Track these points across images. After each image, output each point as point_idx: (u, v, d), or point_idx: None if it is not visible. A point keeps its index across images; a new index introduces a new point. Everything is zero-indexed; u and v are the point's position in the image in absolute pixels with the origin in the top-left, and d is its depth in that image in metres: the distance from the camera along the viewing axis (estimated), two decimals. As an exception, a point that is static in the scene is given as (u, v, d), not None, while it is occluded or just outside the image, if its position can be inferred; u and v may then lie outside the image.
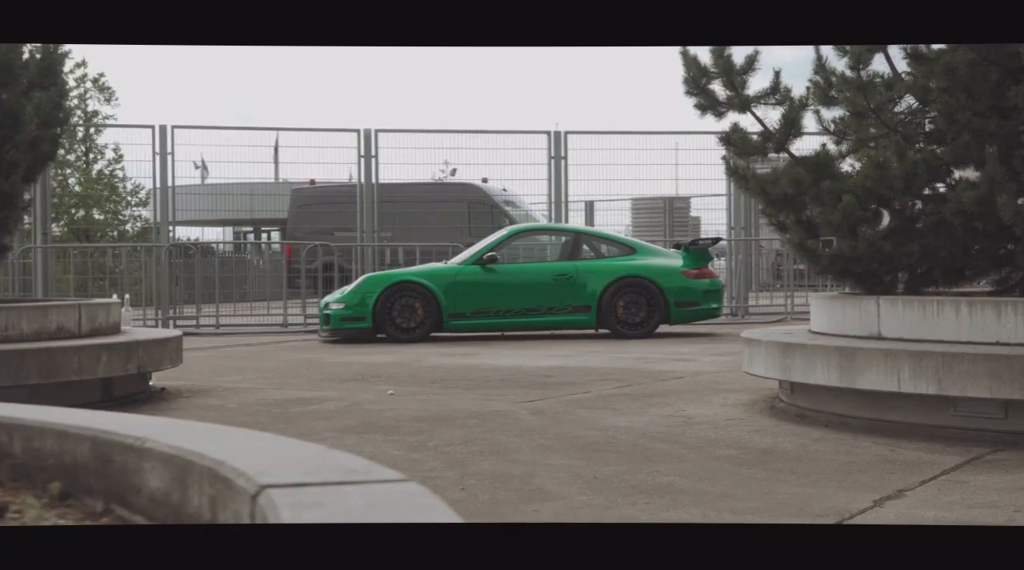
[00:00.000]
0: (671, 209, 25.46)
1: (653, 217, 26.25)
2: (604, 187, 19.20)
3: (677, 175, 18.90)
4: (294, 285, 17.33)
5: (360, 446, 5.81)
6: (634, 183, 19.36)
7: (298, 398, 7.86)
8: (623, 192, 20.57)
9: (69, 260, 16.57)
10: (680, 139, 18.01)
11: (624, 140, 17.97)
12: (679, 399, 7.55)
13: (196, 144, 16.33)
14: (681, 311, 13.77)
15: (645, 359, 10.66)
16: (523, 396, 7.83)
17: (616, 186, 19.40)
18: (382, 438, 6.09)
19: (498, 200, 24.09)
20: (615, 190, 19.90)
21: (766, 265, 22.84)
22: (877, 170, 6.33)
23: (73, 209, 34.70)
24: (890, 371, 5.82)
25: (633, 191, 21.17)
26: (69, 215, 34.30)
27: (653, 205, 26.39)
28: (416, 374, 9.49)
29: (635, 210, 26.81)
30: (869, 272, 6.64)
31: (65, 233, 33.16)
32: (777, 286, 21.28)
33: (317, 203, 22.98)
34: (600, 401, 7.53)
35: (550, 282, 13.69)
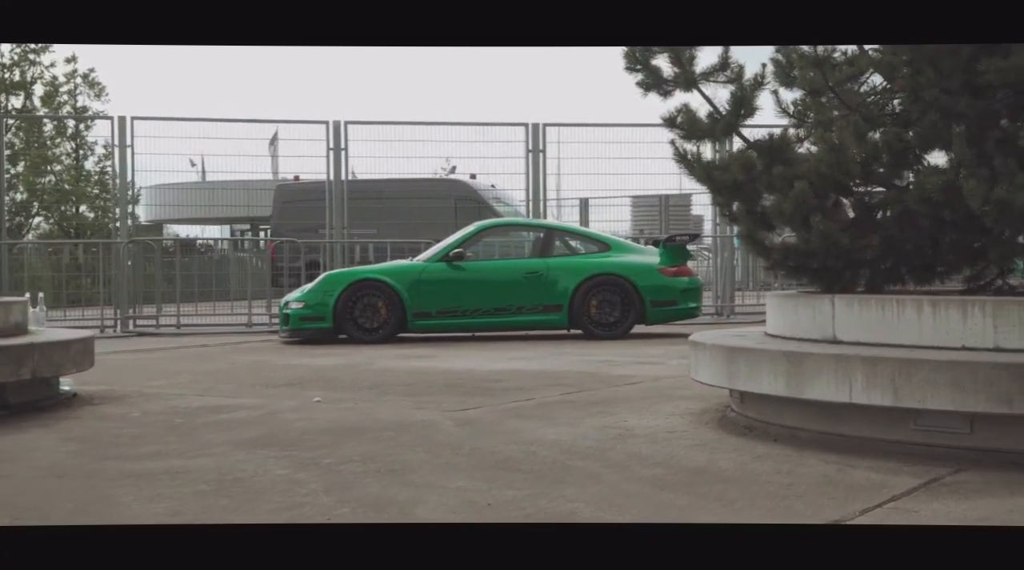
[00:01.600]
0: (667, 206, 24.79)
1: (652, 215, 25.57)
2: (601, 183, 18.45)
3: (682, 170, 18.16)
4: (278, 283, 16.68)
5: (245, 463, 5.15)
6: (633, 179, 18.61)
7: (215, 406, 7.20)
8: (623, 188, 19.82)
9: (48, 258, 15.95)
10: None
11: (618, 133, 17.24)
12: (625, 407, 6.86)
13: (162, 136, 15.61)
14: (657, 311, 13.08)
15: (610, 362, 9.98)
16: (459, 404, 7.16)
17: (615, 182, 18.64)
18: (276, 453, 5.42)
19: (486, 196, 23.43)
20: (613, 187, 19.17)
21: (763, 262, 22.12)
22: (832, 154, 5.64)
23: (63, 206, 34.09)
24: (841, 379, 5.13)
25: (633, 188, 20.44)
26: (60, 212, 33.72)
27: (650, 203, 25.73)
28: (358, 379, 8.82)
29: (634, 208, 26.13)
30: (826, 268, 5.95)
31: (54, 230, 32.61)
32: (775, 285, 20.60)
33: (301, 200, 22.35)
34: (539, 410, 6.85)
35: (520, 280, 13.00)
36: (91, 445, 5.82)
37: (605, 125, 16.88)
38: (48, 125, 33.09)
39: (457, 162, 18.12)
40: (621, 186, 18.81)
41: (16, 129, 31.10)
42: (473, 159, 17.11)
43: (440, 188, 23.08)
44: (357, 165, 16.55)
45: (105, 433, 6.19)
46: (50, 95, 33.45)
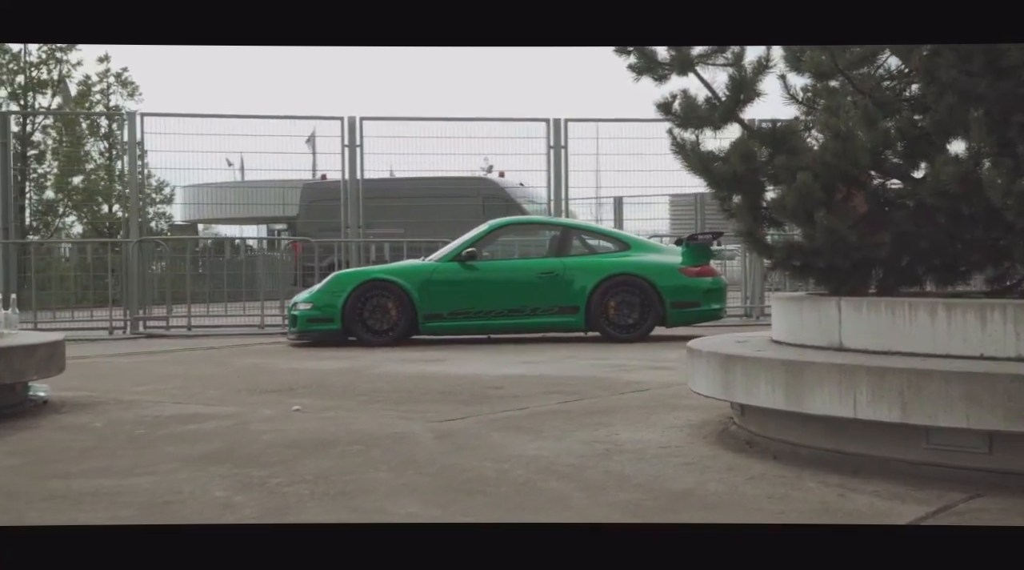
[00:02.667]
0: (703, 205, 24.20)
1: (688, 214, 24.96)
2: (631, 180, 17.87)
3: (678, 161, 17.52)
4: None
5: (186, 483, 4.67)
6: (667, 176, 17.99)
7: (188, 415, 6.73)
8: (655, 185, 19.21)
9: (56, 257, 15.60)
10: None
11: (644, 129, 16.67)
12: (621, 418, 6.34)
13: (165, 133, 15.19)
14: (678, 312, 12.52)
15: (622, 366, 9.45)
16: (447, 413, 6.66)
17: (646, 179, 18.04)
18: (225, 471, 4.94)
19: (514, 195, 22.94)
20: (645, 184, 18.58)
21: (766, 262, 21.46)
22: (839, 142, 5.09)
23: (96, 206, 33.80)
24: (845, 392, 4.59)
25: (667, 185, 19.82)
26: (93, 212, 33.42)
27: (686, 201, 25.13)
28: (354, 384, 8.34)
29: (672, 206, 25.54)
30: (834, 268, 5.41)
31: (88, 230, 32.34)
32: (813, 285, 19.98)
33: (328, 199, 21.93)
34: (529, 420, 6.34)
35: (535, 280, 12.48)
36: (34, 460, 5.37)
37: (628, 120, 16.29)
38: (82, 124, 32.83)
39: (475, 158, 17.50)
40: (653, 183, 18.23)
41: (44, 128, 30.84)
42: (493, 156, 16.55)
43: (468, 186, 22.57)
44: (375, 163, 16.05)
45: (55, 446, 5.74)
46: (83, 94, 33.23)
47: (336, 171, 16.64)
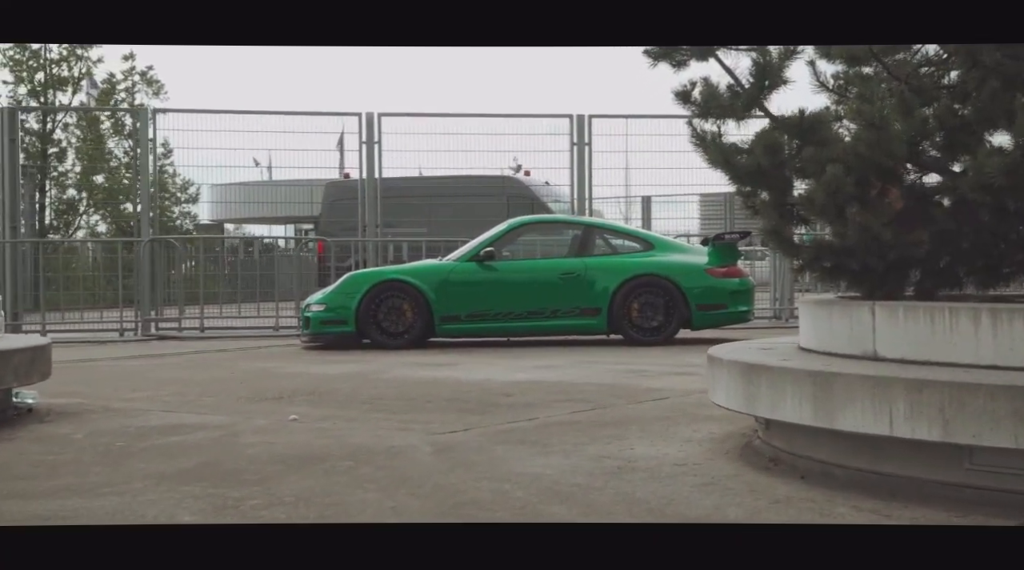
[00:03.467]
0: (732, 205, 23.70)
1: (717, 213, 24.48)
2: (658, 178, 17.40)
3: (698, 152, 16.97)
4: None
5: (153, 505, 4.28)
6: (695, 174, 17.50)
7: (175, 425, 6.34)
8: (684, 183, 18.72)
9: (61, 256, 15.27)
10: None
11: (672, 125, 16.19)
12: (637, 431, 5.90)
13: (187, 129, 14.85)
14: (704, 315, 12.05)
15: (643, 372, 9.01)
16: (450, 424, 6.24)
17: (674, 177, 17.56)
18: (200, 491, 4.53)
19: (539, 194, 22.51)
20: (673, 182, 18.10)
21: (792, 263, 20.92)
22: (873, 131, 4.63)
23: (120, 204, 33.52)
24: (879, 407, 4.13)
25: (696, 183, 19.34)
26: (117, 210, 33.13)
27: (715, 201, 24.65)
28: (358, 391, 7.92)
29: (702, 205, 25.07)
30: (867, 269, 4.95)
31: (112, 229, 32.05)
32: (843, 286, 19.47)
33: (351, 197, 21.58)
34: (536, 433, 5.91)
35: (556, 281, 12.03)
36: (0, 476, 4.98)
37: (653, 116, 15.82)
38: (105, 122, 32.56)
39: (497, 155, 17.05)
40: (681, 181, 17.77)
41: (66, 126, 30.62)
42: (516, 153, 16.09)
43: (492, 185, 22.14)
44: (394, 160, 15.62)
45: (26, 460, 5.34)
46: (107, 92, 32.98)
47: (353, 168, 16.27)
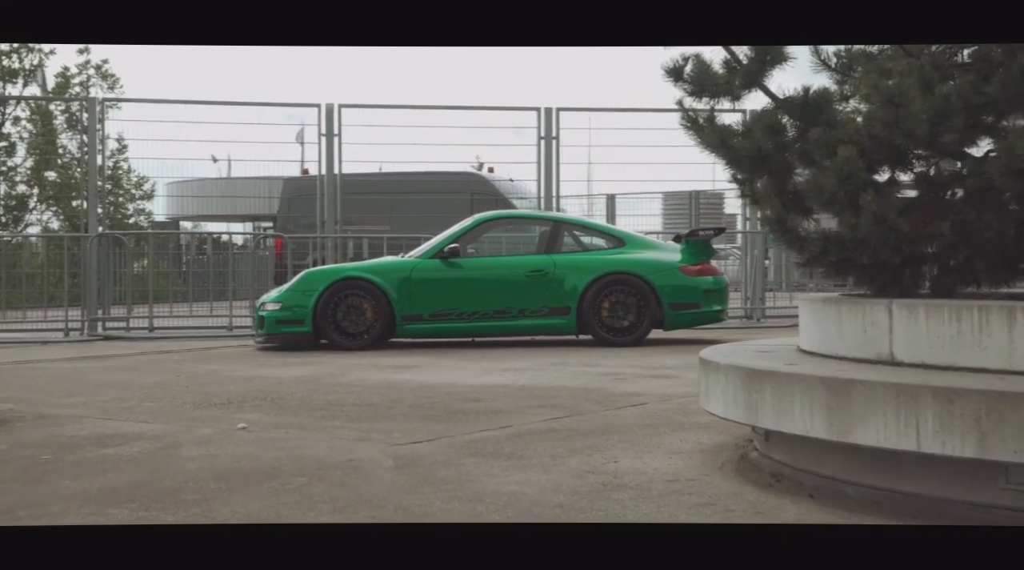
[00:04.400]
0: (698, 202, 23.29)
1: (682, 211, 24.07)
2: (625, 173, 16.91)
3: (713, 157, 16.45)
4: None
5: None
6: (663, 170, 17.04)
7: (111, 434, 5.78)
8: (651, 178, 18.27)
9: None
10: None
11: (641, 119, 15.73)
12: (620, 440, 5.39)
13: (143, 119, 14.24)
14: (677, 314, 11.56)
15: (617, 374, 8.51)
16: (414, 433, 5.71)
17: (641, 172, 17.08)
18: (127, 514, 3.99)
19: (504, 190, 22.02)
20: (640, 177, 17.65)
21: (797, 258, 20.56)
22: (891, 109, 4.13)
23: (73, 201, 32.72)
24: (905, 419, 3.64)
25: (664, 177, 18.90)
26: (69, 206, 32.32)
27: (680, 198, 24.24)
28: (314, 396, 7.38)
29: (665, 203, 24.66)
30: (880, 264, 4.45)
31: (66, 226, 31.23)
32: (808, 286, 19.07)
33: (309, 194, 21.03)
34: (511, 443, 5.39)
35: (522, 279, 11.51)
36: (-98, 496, 4.41)
37: (625, 110, 15.36)
38: (59, 117, 31.75)
39: (462, 150, 16.47)
40: (649, 176, 17.30)
41: (16, 120, 29.81)
42: (481, 147, 15.54)
43: (456, 181, 21.69)
44: (356, 153, 15.03)
45: (-63, 476, 4.78)
46: (62, 86, 32.18)
47: (312, 161, 15.68)
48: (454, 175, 21.66)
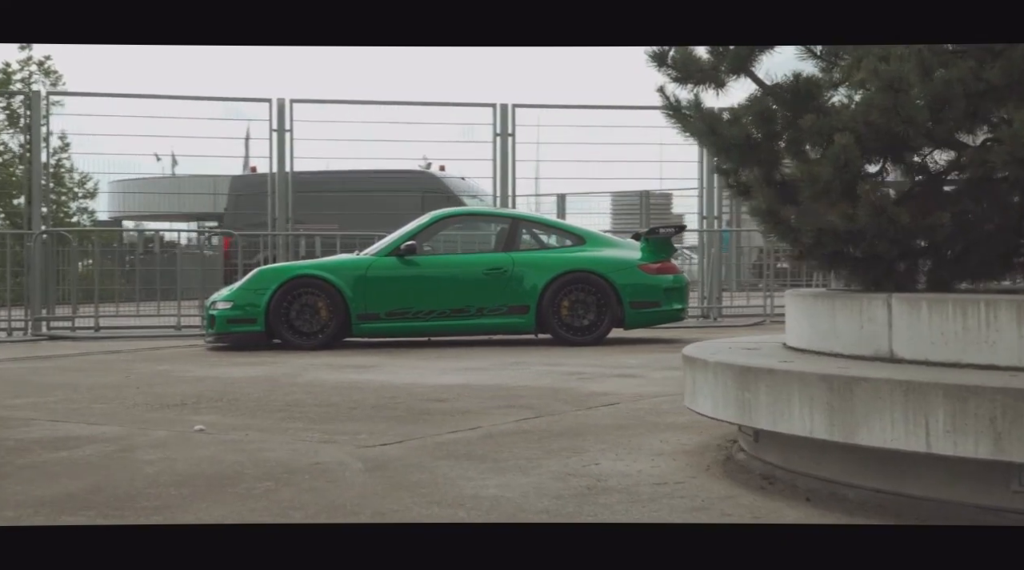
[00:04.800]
0: (648, 202, 23.19)
1: (632, 211, 23.95)
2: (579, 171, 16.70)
3: (662, 157, 16.30)
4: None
5: (26, 542, 3.44)
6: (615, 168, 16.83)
7: (62, 437, 5.49)
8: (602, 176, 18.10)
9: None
10: (653, 115, 15.51)
11: (596, 116, 15.51)
12: (597, 441, 5.18)
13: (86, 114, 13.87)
14: (637, 313, 11.35)
15: (580, 374, 8.30)
16: (381, 435, 5.47)
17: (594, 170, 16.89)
18: (83, 521, 3.72)
19: (455, 189, 21.79)
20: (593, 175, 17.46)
21: (748, 262, 20.49)
22: (890, 95, 3.94)
23: (13, 199, 32.10)
24: (914, 419, 3.45)
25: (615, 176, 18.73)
26: (10, 205, 31.72)
27: (630, 199, 24.12)
28: (271, 396, 7.11)
29: (614, 203, 24.53)
30: (875, 256, 4.26)
31: (5, 224, 30.61)
32: (759, 286, 18.97)
33: (257, 191, 20.68)
34: (484, 445, 5.16)
35: (481, 278, 11.26)
36: None
37: (583, 107, 15.16)
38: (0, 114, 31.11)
39: (417, 146, 16.20)
40: (601, 174, 17.12)
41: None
42: (436, 144, 15.34)
43: (406, 180, 21.45)
44: (307, 149, 14.69)
45: None
46: (2, 82, 31.56)
47: (263, 158, 15.34)
48: (405, 173, 21.41)
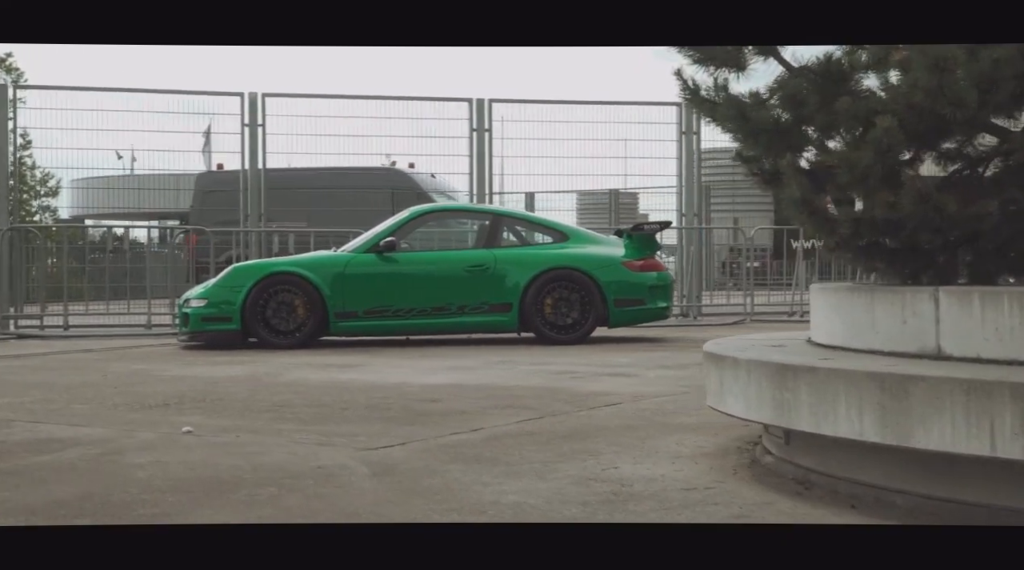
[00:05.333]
0: (617, 203, 22.97)
1: (599, 213, 23.74)
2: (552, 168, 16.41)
3: (627, 152, 16.08)
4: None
5: (19, 556, 3.15)
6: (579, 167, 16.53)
7: (44, 439, 5.19)
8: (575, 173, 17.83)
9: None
10: (630, 111, 15.32)
11: (560, 111, 15.21)
12: (608, 443, 4.93)
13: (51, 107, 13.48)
14: (622, 311, 11.11)
15: (573, 373, 8.05)
16: (380, 437, 5.20)
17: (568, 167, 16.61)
18: (81, 533, 3.44)
19: (426, 188, 21.51)
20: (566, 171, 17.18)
21: (717, 261, 20.33)
22: (936, 75, 3.71)
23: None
24: (977, 420, 3.21)
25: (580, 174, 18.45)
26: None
27: (598, 200, 23.92)
28: (256, 397, 6.82)
29: (580, 203, 24.30)
30: (914, 248, 4.03)
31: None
32: (730, 284, 18.79)
33: (225, 189, 20.33)
34: (489, 447, 4.90)
35: (462, 275, 10.99)
36: None
37: (560, 102, 14.94)
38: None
39: (391, 141, 15.86)
40: (574, 171, 16.79)
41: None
42: (411, 139, 14.96)
43: (375, 177, 21.17)
44: (279, 145, 14.36)
45: None
46: (-36, 80, 31.06)
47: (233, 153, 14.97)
48: (374, 170, 21.12)
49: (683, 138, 15.31)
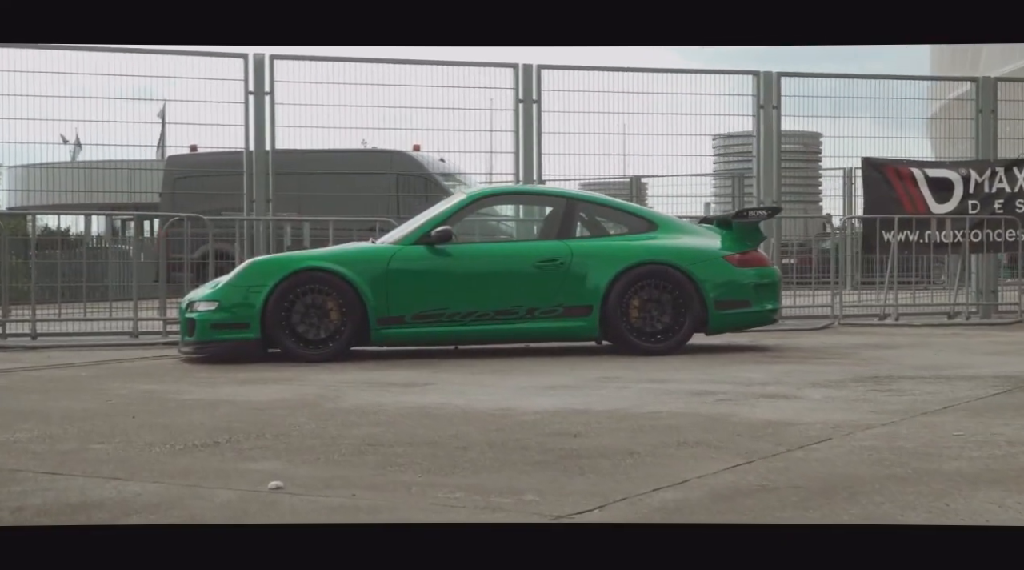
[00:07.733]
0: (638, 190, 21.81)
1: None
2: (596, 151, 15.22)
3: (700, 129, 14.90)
4: (175, 279, 13.31)
5: None
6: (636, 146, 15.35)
7: (76, 504, 3.97)
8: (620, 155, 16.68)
9: None
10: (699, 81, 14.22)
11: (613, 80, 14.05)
12: (904, 508, 3.73)
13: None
14: (724, 315, 9.89)
15: (712, 394, 6.88)
16: (557, 496, 4.01)
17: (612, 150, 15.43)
18: None
19: (434, 172, 20.41)
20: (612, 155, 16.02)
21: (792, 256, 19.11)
22: None
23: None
24: None
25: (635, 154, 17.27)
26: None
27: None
28: (327, 431, 5.60)
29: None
30: None
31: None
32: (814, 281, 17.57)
33: (199, 175, 19.23)
34: (728, 512, 3.69)
35: (531, 272, 9.74)
36: None
37: (616, 69, 13.75)
38: None
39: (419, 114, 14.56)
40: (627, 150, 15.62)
41: None
42: (442, 111, 13.64)
43: (379, 162, 20.09)
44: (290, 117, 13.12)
45: None
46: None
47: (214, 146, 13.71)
48: (377, 153, 20.07)
49: (760, 112, 14.17)
